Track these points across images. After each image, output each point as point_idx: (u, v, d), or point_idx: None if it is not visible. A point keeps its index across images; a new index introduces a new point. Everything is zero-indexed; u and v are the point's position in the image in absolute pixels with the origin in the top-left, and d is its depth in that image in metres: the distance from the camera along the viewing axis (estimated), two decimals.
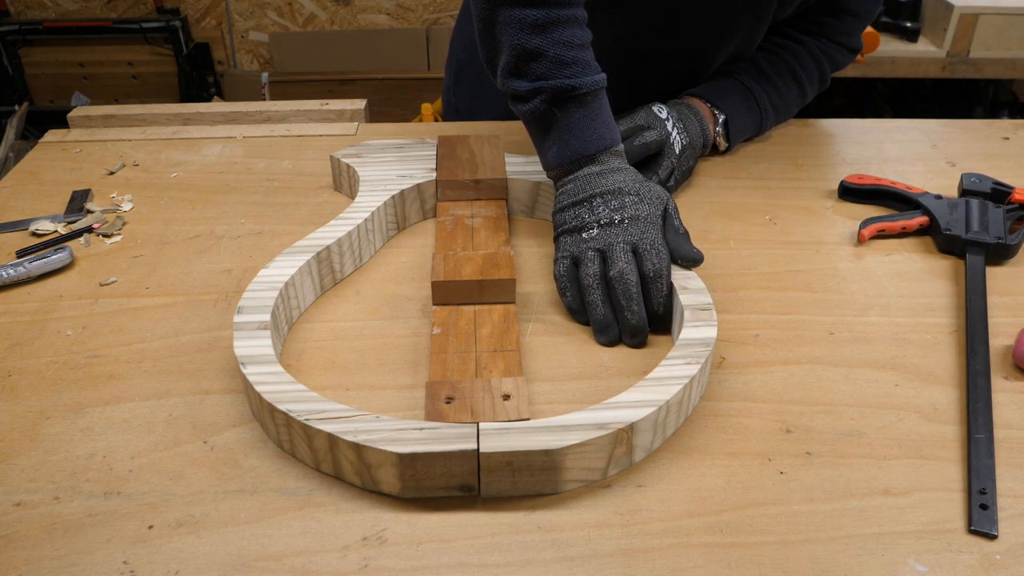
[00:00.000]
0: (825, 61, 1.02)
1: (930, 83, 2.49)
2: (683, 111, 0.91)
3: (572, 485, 0.56)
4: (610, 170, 0.74)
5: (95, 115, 1.06)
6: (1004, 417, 0.62)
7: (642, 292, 0.68)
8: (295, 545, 0.52)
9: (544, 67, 0.74)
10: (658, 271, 0.68)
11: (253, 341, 0.62)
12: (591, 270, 0.69)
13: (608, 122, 0.76)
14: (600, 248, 0.70)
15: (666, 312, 0.69)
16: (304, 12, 2.96)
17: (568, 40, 0.74)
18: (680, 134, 0.88)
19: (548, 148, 0.77)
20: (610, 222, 0.70)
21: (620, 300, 0.67)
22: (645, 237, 0.69)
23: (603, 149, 0.75)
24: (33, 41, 2.84)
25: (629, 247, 0.69)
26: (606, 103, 0.77)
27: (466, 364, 0.62)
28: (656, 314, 0.69)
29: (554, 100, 0.74)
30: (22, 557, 0.51)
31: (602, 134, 0.75)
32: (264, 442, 0.59)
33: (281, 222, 0.85)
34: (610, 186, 0.72)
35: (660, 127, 0.86)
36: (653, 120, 0.87)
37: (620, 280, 0.67)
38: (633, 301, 0.67)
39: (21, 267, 0.75)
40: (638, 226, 0.70)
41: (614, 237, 0.69)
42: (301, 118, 1.06)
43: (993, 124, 1.09)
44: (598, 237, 0.70)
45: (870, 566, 0.51)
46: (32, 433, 0.60)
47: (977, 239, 0.79)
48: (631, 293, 0.67)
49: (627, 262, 0.68)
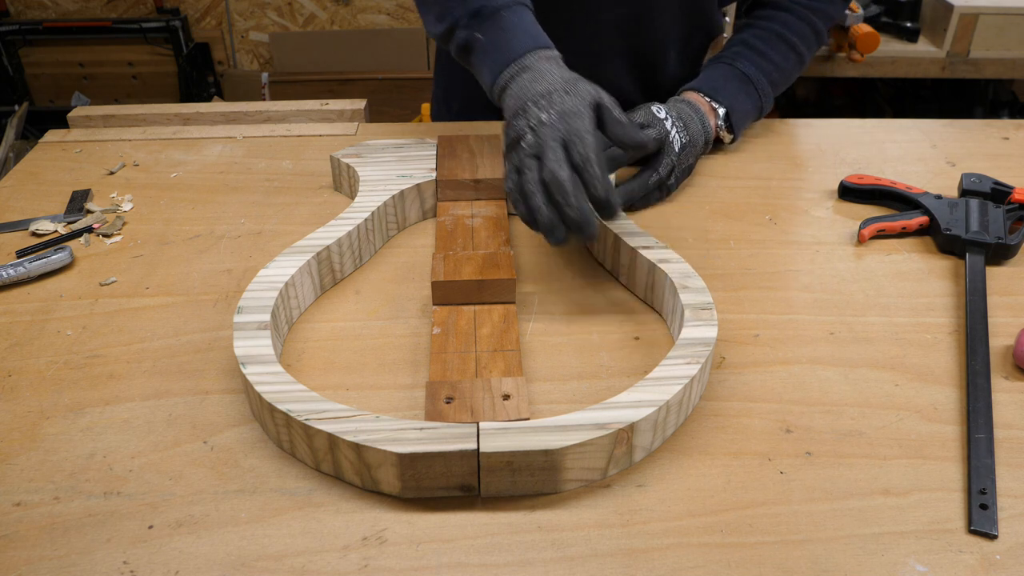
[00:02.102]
0: (817, 18, 1.00)
1: (930, 83, 2.49)
2: (682, 109, 0.91)
3: (572, 485, 0.56)
4: (540, 74, 0.75)
5: (95, 115, 1.06)
6: (1004, 417, 0.62)
7: (579, 183, 0.68)
8: (295, 545, 0.52)
9: (457, 2, 0.82)
10: (585, 157, 0.68)
11: (253, 341, 0.62)
12: (529, 177, 0.70)
13: (530, 30, 0.79)
14: (535, 153, 0.70)
15: (608, 195, 0.68)
16: (304, 12, 2.96)
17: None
18: (680, 132, 0.88)
19: (483, 73, 0.80)
20: (540, 123, 0.71)
21: (557, 198, 0.68)
22: (571, 128, 0.69)
23: (527, 52, 0.77)
24: (33, 41, 2.84)
25: (559, 144, 0.69)
26: (528, 17, 0.81)
27: (466, 364, 0.62)
28: (599, 199, 0.68)
29: (471, 25, 0.80)
30: (22, 557, 0.51)
31: (523, 40, 0.78)
32: (264, 442, 0.59)
33: (281, 222, 0.85)
34: (541, 89, 0.73)
35: (659, 126, 0.86)
36: (651, 119, 0.87)
37: (552, 180, 0.68)
38: (569, 196, 0.67)
39: (21, 267, 0.75)
40: (565, 120, 0.70)
41: (545, 137, 0.70)
42: (301, 118, 1.06)
43: (993, 124, 1.09)
44: (532, 142, 0.71)
45: (870, 566, 0.51)
46: (32, 433, 0.60)
47: (977, 239, 0.79)
48: (565, 190, 0.67)
49: (556, 160, 0.68)
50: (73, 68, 2.90)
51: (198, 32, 2.98)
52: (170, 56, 2.85)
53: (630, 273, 0.75)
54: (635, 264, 0.73)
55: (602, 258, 0.79)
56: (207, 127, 1.05)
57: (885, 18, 2.22)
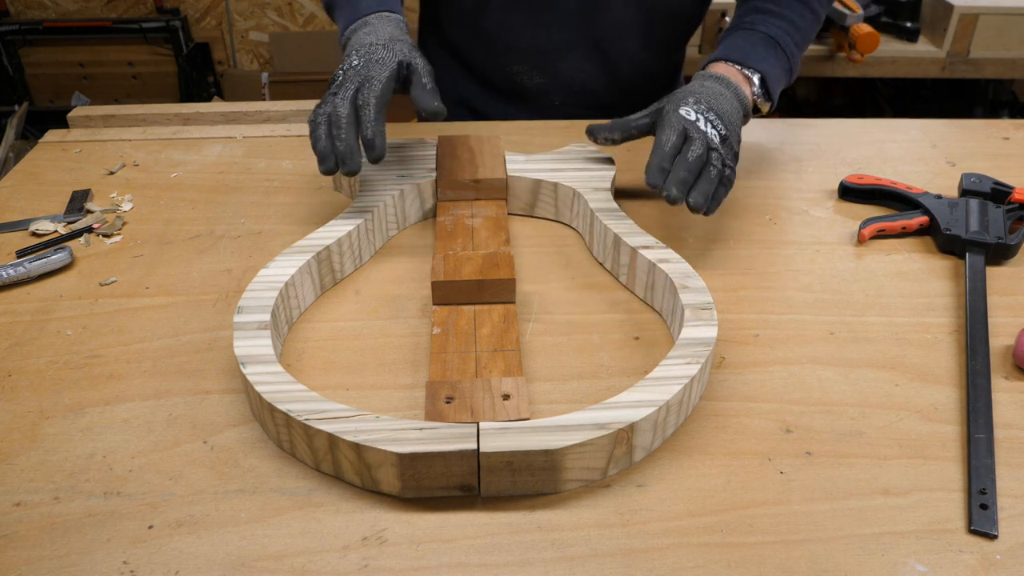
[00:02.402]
0: None
1: (930, 83, 2.49)
2: (712, 89, 0.83)
3: (572, 485, 0.56)
4: (374, 28, 0.84)
5: (95, 115, 1.06)
6: (1004, 417, 0.62)
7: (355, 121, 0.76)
8: (295, 545, 0.52)
9: None
10: (365, 100, 0.77)
11: (253, 341, 0.62)
12: (321, 109, 0.78)
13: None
14: (334, 91, 0.79)
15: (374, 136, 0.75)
16: (304, 12, 2.96)
17: None
18: (715, 126, 0.80)
19: (339, 27, 0.89)
20: (350, 67, 0.80)
21: (332, 130, 0.76)
22: (369, 74, 0.79)
23: (372, 11, 0.86)
24: (33, 41, 2.84)
25: (354, 86, 0.78)
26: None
27: (466, 364, 0.62)
28: (365, 138, 0.75)
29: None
30: (22, 557, 0.51)
31: (370, 4, 0.86)
32: (264, 442, 0.59)
33: (281, 222, 0.85)
34: (368, 40, 0.82)
35: (696, 132, 0.78)
36: (686, 125, 0.79)
37: (332, 113, 0.76)
38: (341, 130, 0.75)
39: (21, 267, 0.75)
40: (368, 67, 0.79)
41: (347, 80, 0.79)
42: (301, 118, 1.06)
43: (993, 124, 1.09)
44: (338, 82, 0.79)
45: (870, 566, 0.51)
46: (32, 433, 0.60)
47: (977, 239, 0.79)
48: (340, 124, 0.75)
49: (343, 98, 0.77)
50: (73, 68, 2.90)
51: (198, 32, 2.98)
52: (170, 56, 2.85)
53: (630, 273, 0.75)
54: (635, 264, 0.73)
55: (602, 258, 0.79)
56: (207, 127, 1.05)
57: (885, 18, 2.23)
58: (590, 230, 0.80)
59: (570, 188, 0.83)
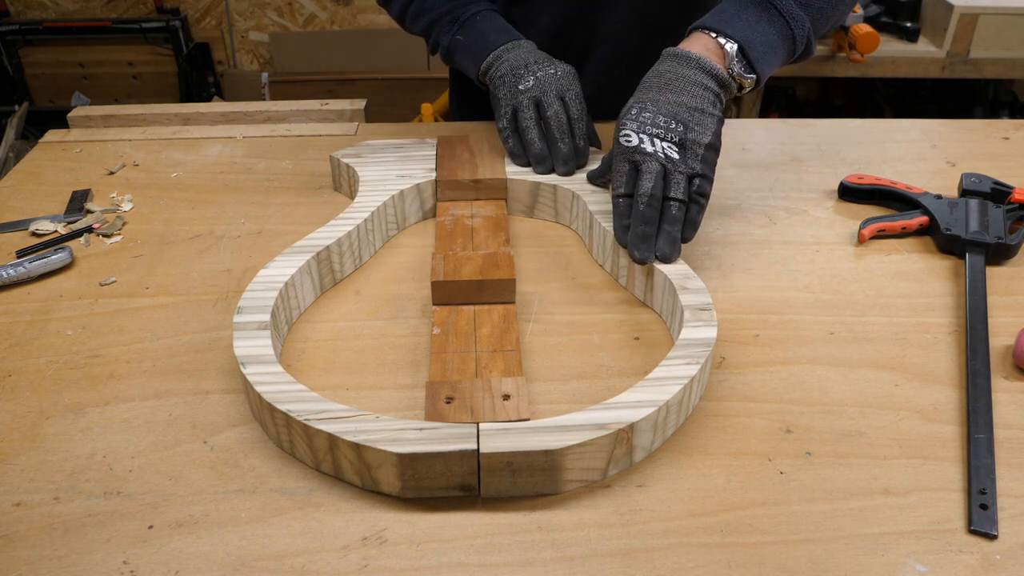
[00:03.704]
0: None
1: (930, 83, 2.49)
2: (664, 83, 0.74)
3: (572, 485, 0.56)
4: (528, 50, 0.90)
5: (95, 115, 1.06)
6: (1004, 417, 0.62)
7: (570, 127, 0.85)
8: (295, 545, 0.52)
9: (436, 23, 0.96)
10: (581, 111, 0.86)
11: (253, 341, 0.62)
12: (528, 114, 0.85)
13: (506, 28, 0.93)
14: (535, 96, 0.85)
15: (587, 147, 0.86)
16: (304, 12, 2.96)
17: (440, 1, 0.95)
18: (665, 147, 0.72)
19: (467, 63, 0.93)
20: (545, 74, 0.86)
21: (554, 134, 0.84)
22: (570, 88, 0.86)
23: (508, 41, 0.90)
24: (33, 41, 2.84)
25: (557, 95, 0.85)
26: (499, 19, 0.95)
27: (466, 364, 0.62)
28: (580, 149, 0.85)
29: (451, 31, 0.94)
30: (22, 557, 0.51)
31: (500, 36, 0.91)
32: (264, 442, 0.59)
33: (281, 222, 0.85)
34: (534, 58, 0.88)
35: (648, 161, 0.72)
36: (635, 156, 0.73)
37: (555, 119, 0.84)
38: (565, 135, 0.84)
39: (21, 267, 0.75)
40: (565, 78, 0.86)
41: (547, 85, 0.85)
42: (301, 118, 1.06)
43: (993, 124, 1.09)
44: (533, 88, 0.85)
45: (870, 566, 0.51)
46: (32, 433, 0.60)
47: (977, 239, 0.79)
48: (564, 128, 0.84)
49: (559, 106, 0.85)
50: (73, 68, 2.90)
51: (198, 32, 2.98)
52: (170, 56, 2.85)
53: (630, 273, 0.75)
54: (634, 266, 0.73)
55: (601, 260, 0.79)
56: (207, 127, 1.05)
57: (885, 18, 2.23)
58: (589, 232, 0.80)
59: (569, 190, 0.83)
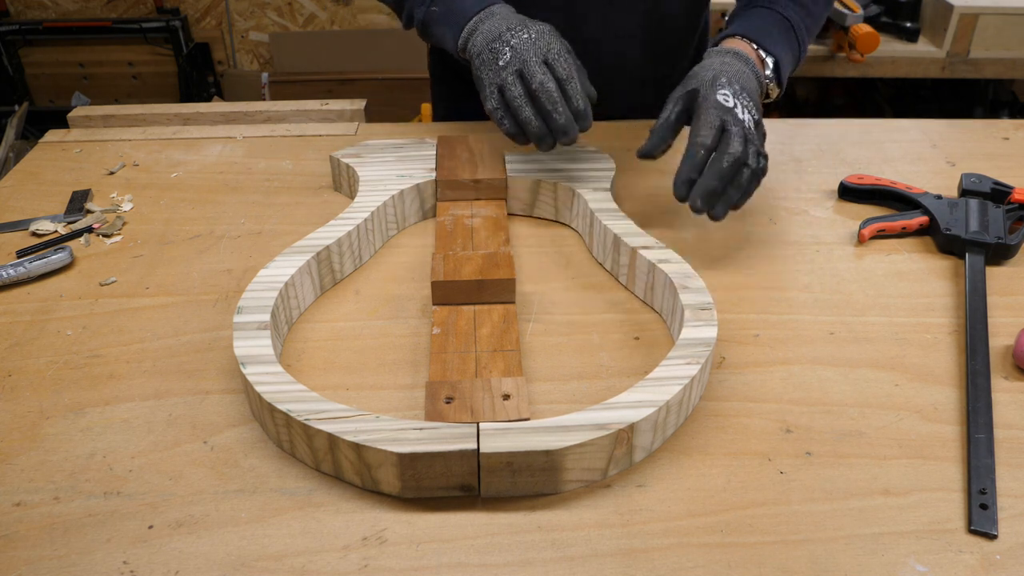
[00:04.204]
0: None
1: (930, 83, 2.49)
2: (740, 75, 0.79)
3: (572, 485, 0.56)
4: (504, 16, 0.81)
5: (95, 115, 1.06)
6: (1004, 417, 0.62)
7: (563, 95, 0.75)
8: (295, 545, 0.52)
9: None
10: (568, 73, 0.75)
11: (253, 341, 0.62)
12: (516, 91, 0.76)
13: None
14: (517, 69, 0.76)
15: (586, 107, 0.76)
16: (304, 12, 2.96)
17: None
18: (749, 112, 0.77)
19: (445, 37, 0.85)
20: (520, 41, 0.77)
21: (546, 107, 0.75)
22: (551, 47, 0.76)
23: (483, 7, 0.82)
24: (33, 41, 2.84)
25: (540, 60, 0.76)
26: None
27: (466, 364, 0.62)
28: (579, 111, 0.75)
29: (425, 2, 0.86)
30: (22, 557, 0.51)
31: (473, 3, 0.82)
32: (264, 442, 0.59)
33: (281, 222, 0.85)
34: (510, 24, 0.79)
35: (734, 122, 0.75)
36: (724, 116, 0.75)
37: (542, 90, 0.75)
38: (558, 103, 0.74)
39: (21, 267, 0.75)
40: (543, 39, 0.77)
41: (526, 53, 0.76)
42: (301, 118, 1.06)
43: (993, 124, 1.09)
44: (512, 59, 0.76)
45: (870, 566, 0.51)
46: (32, 433, 0.60)
47: (977, 239, 0.79)
48: (554, 98, 0.75)
49: (543, 73, 0.75)
50: (73, 68, 2.90)
51: (198, 32, 2.98)
52: (170, 56, 2.85)
53: (630, 273, 0.75)
54: (635, 264, 0.73)
55: (602, 258, 0.79)
56: (207, 127, 1.05)
57: (885, 18, 2.22)
58: (590, 230, 0.80)
59: (569, 188, 0.83)
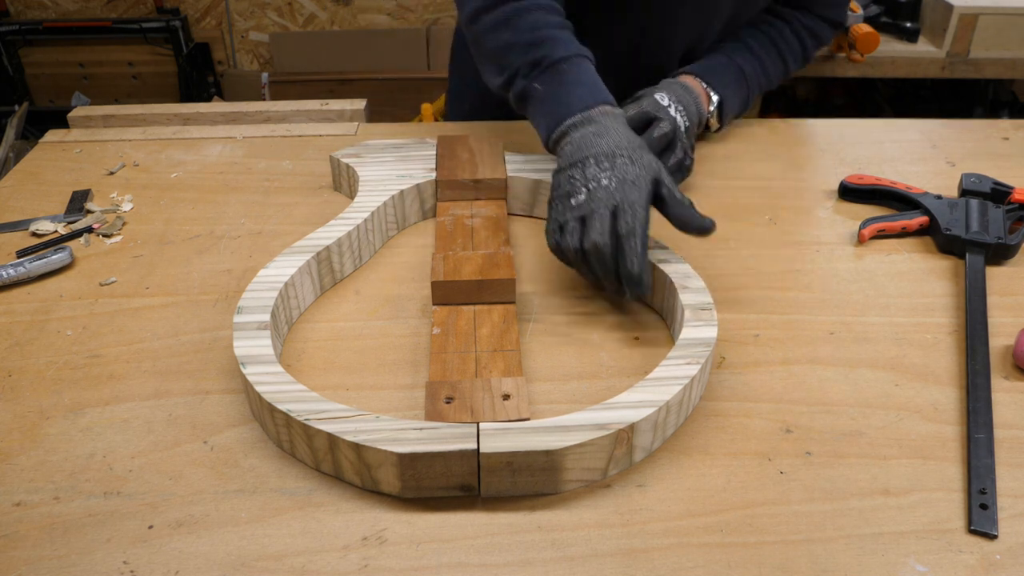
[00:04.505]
0: (808, 38, 1.03)
1: (930, 83, 2.49)
2: (681, 94, 0.90)
3: (572, 485, 0.56)
4: (606, 130, 0.73)
5: (95, 115, 1.06)
6: (1004, 417, 0.62)
7: (617, 251, 0.68)
8: (295, 545, 0.52)
9: (517, 53, 0.79)
10: (631, 230, 0.67)
11: (253, 341, 0.62)
12: (571, 243, 0.70)
13: (592, 84, 0.77)
14: (582, 216, 0.69)
15: (642, 271, 0.67)
16: (304, 12, 2.96)
17: (535, 24, 0.80)
18: (682, 116, 0.88)
19: (540, 123, 0.79)
20: (598, 186, 0.70)
21: (597, 270, 0.69)
22: (627, 198, 0.68)
23: (589, 107, 0.75)
24: (33, 41, 2.84)
25: (609, 211, 0.68)
26: (588, 69, 0.79)
27: (466, 364, 0.62)
28: (631, 275, 0.67)
29: (529, 75, 0.79)
30: (22, 557, 0.51)
31: (584, 94, 0.76)
32: (264, 442, 0.59)
33: (281, 222, 0.85)
34: (604, 147, 0.72)
35: (666, 114, 0.86)
36: (657, 109, 0.86)
37: (594, 252, 0.68)
38: (609, 272, 0.68)
39: (21, 267, 0.75)
40: (623, 188, 0.69)
41: (597, 203, 0.69)
42: (301, 118, 1.06)
43: (993, 124, 1.09)
44: (583, 204, 0.69)
45: (870, 566, 0.51)
46: (32, 433, 0.60)
47: (977, 239, 0.79)
48: (605, 263, 0.68)
49: (601, 233, 0.68)
50: (73, 68, 2.90)
51: (198, 32, 2.98)
52: (170, 56, 2.85)
53: None
54: None
55: None
56: (207, 127, 1.05)
57: (885, 18, 2.22)
58: None
59: None
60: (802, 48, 1.04)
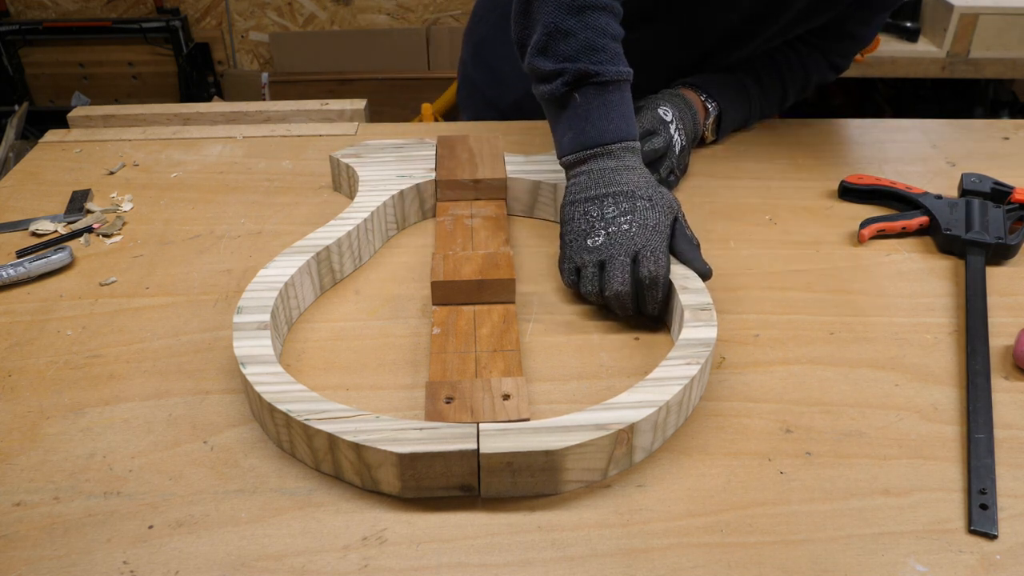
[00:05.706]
0: (813, 75, 1.05)
1: (930, 83, 2.49)
2: (682, 108, 0.91)
3: (572, 485, 0.56)
4: (625, 167, 0.73)
5: (95, 115, 1.06)
6: (1004, 417, 0.62)
7: (638, 296, 0.68)
8: (295, 545, 0.52)
9: (572, 48, 0.74)
10: (654, 278, 0.67)
11: (253, 341, 0.62)
12: (590, 288, 0.70)
13: (628, 116, 0.75)
14: (601, 260, 0.69)
15: (661, 313, 0.70)
16: (304, 12, 2.96)
17: (602, 27, 0.75)
18: (680, 135, 0.89)
19: (563, 133, 0.76)
20: (617, 229, 0.69)
21: (615, 311, 0.70)
22: (648, 244, 0.68)
23: (619, 141, 0.74)
24: (33, 41, 2.84)
25: (629, 258, 0.68)
26: (628, 97, 0.77)
27: (466, 364, 0.62)
28: (651, 315, 0.70)
29: (575, 83, 0.74)
30: (22, 557, 0.51)
31: (620, 126, 0.74)
32: (264, 442, 0.59)
33: (281, 222, 0.85)
34: (623, 186, 0.71)
35: (665, 131, 0.87)
36: (659, 124, 0.87)
37: (615, 300, 0.69)
38: (628, 312, 0.70)
39: (21, 267, 0.75)
40: (644, 233, 0.69)
41: (616, 248, 0.68)
42: (301, 118, 1.06)
43: (993, 124, 1.09)
44: (602, 247, 0.69)
45: (870, 566, 0.51)
46: (32, 433, 0.60)
47: (977, 239, 0.79)
48: (627, 309, 0.69)
49: (623, 283, 0.68)
50: (73, 68, 2.90)
51: (198, 32, 2.98)
52: (170, 56, 2.85)
53: None
54: None
55: None
56: (207, 127, 1.05)
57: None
58: None
59: None
60: (804, 83, 1.05)
